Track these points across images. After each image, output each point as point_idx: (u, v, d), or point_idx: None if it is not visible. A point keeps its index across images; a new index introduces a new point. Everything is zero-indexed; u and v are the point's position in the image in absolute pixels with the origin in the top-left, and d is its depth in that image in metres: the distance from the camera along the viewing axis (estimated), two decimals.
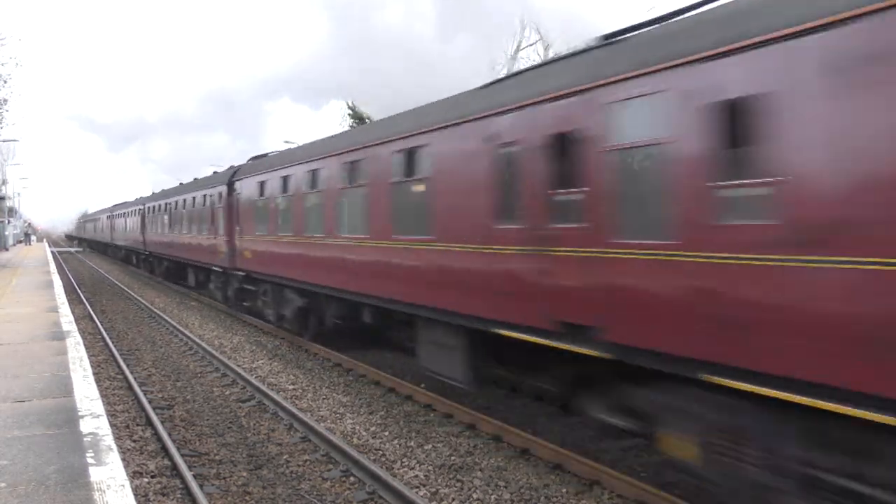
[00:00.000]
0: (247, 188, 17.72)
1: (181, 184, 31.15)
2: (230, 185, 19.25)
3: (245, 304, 19.02)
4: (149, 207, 34.37)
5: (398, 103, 13.04)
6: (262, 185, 16.41)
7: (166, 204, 29.69)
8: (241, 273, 18.25)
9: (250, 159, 19.73)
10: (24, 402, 7.59)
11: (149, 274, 36.56)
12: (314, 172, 13.20)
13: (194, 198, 24.16)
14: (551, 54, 28.61)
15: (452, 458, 8.17)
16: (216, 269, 21.15)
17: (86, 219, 78.07)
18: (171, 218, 28.19)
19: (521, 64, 34.22)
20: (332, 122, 63.35)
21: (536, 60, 32.18)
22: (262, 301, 17.23)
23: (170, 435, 9.01)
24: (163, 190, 35.64)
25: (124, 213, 43.93)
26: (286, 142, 31.12)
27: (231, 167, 21.66)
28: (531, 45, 35.97)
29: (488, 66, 33.90)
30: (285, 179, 14.81)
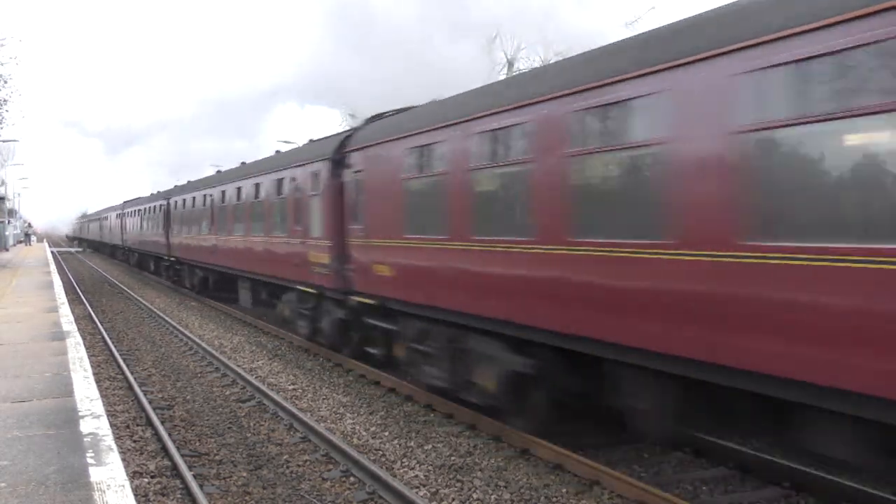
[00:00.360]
0: (381, 161, 11.03)
1: (219, 171, 25.76)
2: (337, 161, 12.55)
3: (370, 350, 12.04)
4: (176, 202, 27.40)
5: (398, 104, 12.83)
6: (423, 152, 9.72)
7: (206, 196, 22.65)
8: (363, 300, 11.50)
9: (367, 120, 13.14)
10: (24, 402, 7.61)
11: (172, 284, 29.81)
12: (611, 110, 6.42)
13: (257, 185, 17.14)
14: (552, 55, 28.59)
15: (452, 458, 8.17)
16: (302, 288, 14.14)
17: (89, 218, 76.19)
18: (214, 214, 21.53)
19: (521, 65, 34.24)
20: (332, 123, 63.38)
21: (536, 62, 32.14)
22: (414, 351, 10.28)
23: (170, 435, 9.02)
24: (189, 182, 28.42)
25: (140, 211, 35.97)
26: (286, 142, 31.03)
27: (311, 140, 15.82)
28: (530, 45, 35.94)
29: (489, 67, 33.92)
30: (498, 136, 8.10)
